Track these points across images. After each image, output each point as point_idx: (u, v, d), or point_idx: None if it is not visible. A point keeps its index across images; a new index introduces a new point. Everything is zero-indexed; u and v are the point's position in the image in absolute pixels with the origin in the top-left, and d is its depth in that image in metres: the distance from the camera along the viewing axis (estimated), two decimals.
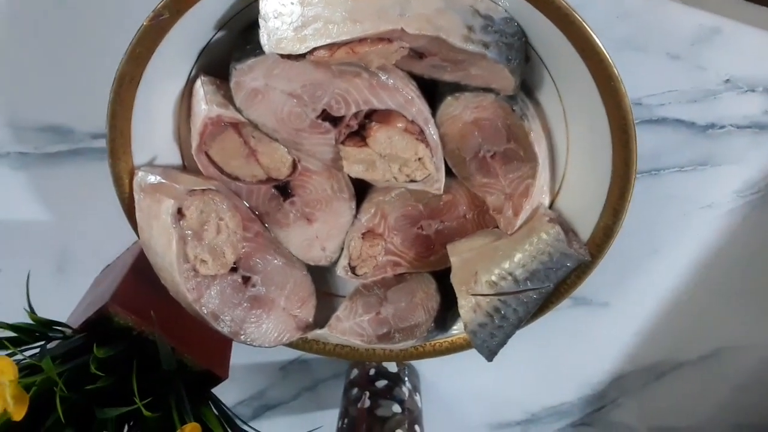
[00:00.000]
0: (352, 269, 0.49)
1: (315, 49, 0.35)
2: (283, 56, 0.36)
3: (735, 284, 0.56)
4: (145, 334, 0.47)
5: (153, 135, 0.42)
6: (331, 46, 0.35)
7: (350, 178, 0.46)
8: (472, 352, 0.47)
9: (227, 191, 0.45)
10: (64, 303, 0.51)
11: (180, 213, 0.42)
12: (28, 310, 0.43)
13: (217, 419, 0.45)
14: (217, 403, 0.47)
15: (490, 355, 0.46)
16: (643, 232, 0.54)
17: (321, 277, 0.50)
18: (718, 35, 0.45)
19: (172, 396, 0.43)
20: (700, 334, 0.60)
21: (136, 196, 0.42)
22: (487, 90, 0.40)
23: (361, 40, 0.35)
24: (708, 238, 0.54)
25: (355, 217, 0.48)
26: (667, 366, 0.62)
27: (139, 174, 0.42)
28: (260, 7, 0.35)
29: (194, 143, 0.42)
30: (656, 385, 0.64)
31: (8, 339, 0.44)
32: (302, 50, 0.35)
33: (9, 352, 0.43)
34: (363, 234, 0.48)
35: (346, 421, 0.58)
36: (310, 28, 0.34)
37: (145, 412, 0.40)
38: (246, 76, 0.38)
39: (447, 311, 0.49)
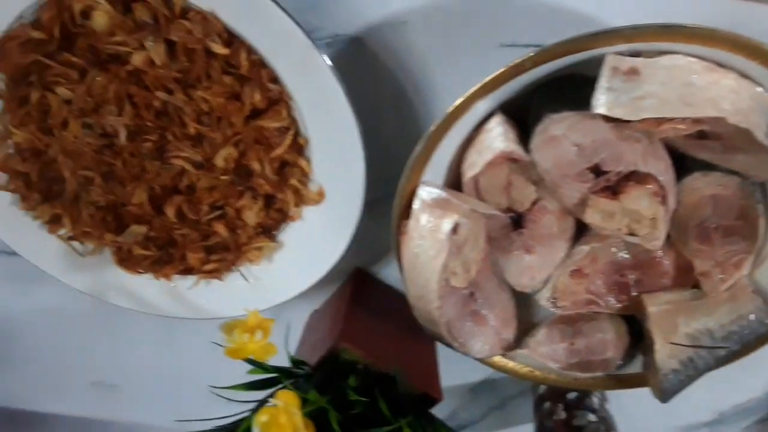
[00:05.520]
0: (554, 300, 0.54)
1: (646, 119, 0.41)
2: (608, 119, 0.42)
3: None
4: (369, 366, 0.54)
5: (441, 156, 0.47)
6: (659, 119, 0.41)
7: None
8: None
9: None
10: None
11: (455, 228, 0.47)
12: (289, 354, 0.51)
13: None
14: (440, 422, 0.53)
15: (669, 397, 0.52)
16: None
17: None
18: None
19: (412, 416, 0.49)
20: None
21: (415, 205, 0.47)
22: (734, 172, 0.47)
23: (684, 119, 0.41)
24: None
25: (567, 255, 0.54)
26: None
27: (426, 188, 0.47)
28: (599, 89, 0.41)
29: (476, 170, 0.47)
30: None
31: (269, 379, 0.51)
32: (635, 117, 0.41)
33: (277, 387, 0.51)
34: (572, 272, 0.54)
35: None
36: (647, 102, 0.41)
37: (407, 429, 0.45)
38: (555, 124, 0.44)
39: (632, 351, 0.55)
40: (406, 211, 0.48)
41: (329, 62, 0.45)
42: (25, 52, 0.48)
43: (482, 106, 0.45)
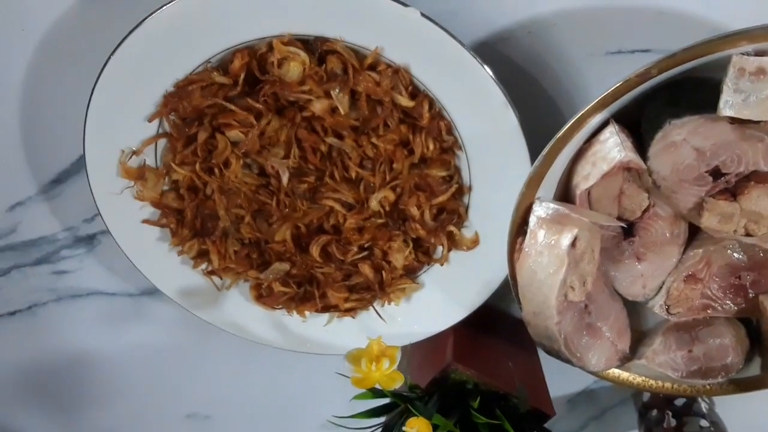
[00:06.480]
0: (668, 307, 0.53)
1: None
2: (731, 121, 0.41)
3: None
4: (479, 385, 0.54)
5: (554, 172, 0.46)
6: None
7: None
8: None
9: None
10: None
11: (574, 242, 0.46)
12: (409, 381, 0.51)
13: None
14: None
15: None
16: None
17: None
18: None
19: None
20: None
21: (531, 222, 0.46)
22: None
23: None
24: None
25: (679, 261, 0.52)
26: None
27: (542, 204, 0.46)
28: (726, 92, 0.40)
29: (590, 182, 0.46)
30: None
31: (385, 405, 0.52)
32: (766, 117, 0.40)
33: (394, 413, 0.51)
34: (685, 277, 0.52)
35: None
36: None
37: None
38: (675, 130, 0.43)
39: (751, 355, 0.54)
40: (521, 229, 0.47)
41: (518, 119, 0.47)
42: (205, 95, 0.49)
43: (597, 118, 0.44)
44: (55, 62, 0.56)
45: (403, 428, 0.45)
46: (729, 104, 0.40)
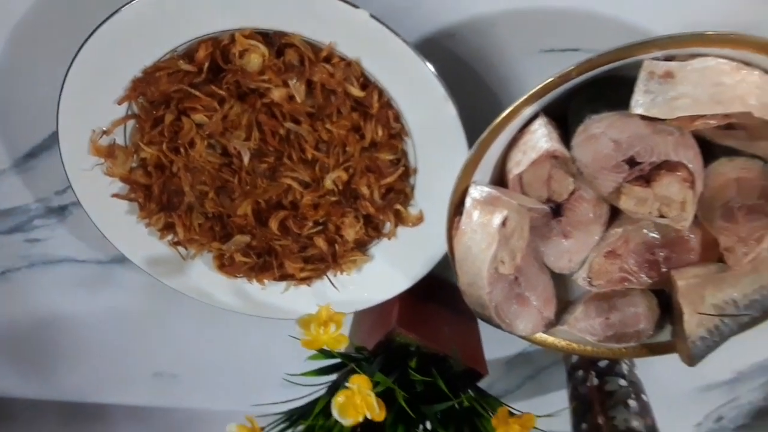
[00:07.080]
0: (590, 280, 0.59)
1: (680, 117, 0.45)
2: (643, 117, 0.47)
3: None
4: (420, 348, 0.60)
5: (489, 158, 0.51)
6: (693, 117, 0.45)
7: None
8: None
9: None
10: None
11: (504, 222, 0.51)
12: (355, 345, 0.57)
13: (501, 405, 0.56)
14: (489, 394, 0.58)
15: (696, 362, 0.58)
16: None
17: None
18: None
19: (469, 392, 0.54)
20: None
21: (467, 203, 0.52)
22: (757, 157, 0.52)
23: (714, 115, 0.45)
24: None
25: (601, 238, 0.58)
26: None
27: (477, 187, 0.51)
28: (637, 92, 0.45)
29: (521, 168, 0.52)
30: None
31: (334, 365, 0.57)
32: (670, 116, 0.45)
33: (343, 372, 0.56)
34: (606, 253, 0.59)
35: (577, 399, 0.71)
36: (680, 102, 0.45)
37: (467, 403, 0.51)
38: (595, 123, 0.48)
39: (662, 322, 0.60)
40: (458, 209, 0.53)
41: (456, 111, 0.52)
42: (172, 82, 0.53)
43: (528, 111, 0.49)
44: (30, 45, 0.58)
45: (346, 384, 0.50)
46: (639, 103, 0.46)
